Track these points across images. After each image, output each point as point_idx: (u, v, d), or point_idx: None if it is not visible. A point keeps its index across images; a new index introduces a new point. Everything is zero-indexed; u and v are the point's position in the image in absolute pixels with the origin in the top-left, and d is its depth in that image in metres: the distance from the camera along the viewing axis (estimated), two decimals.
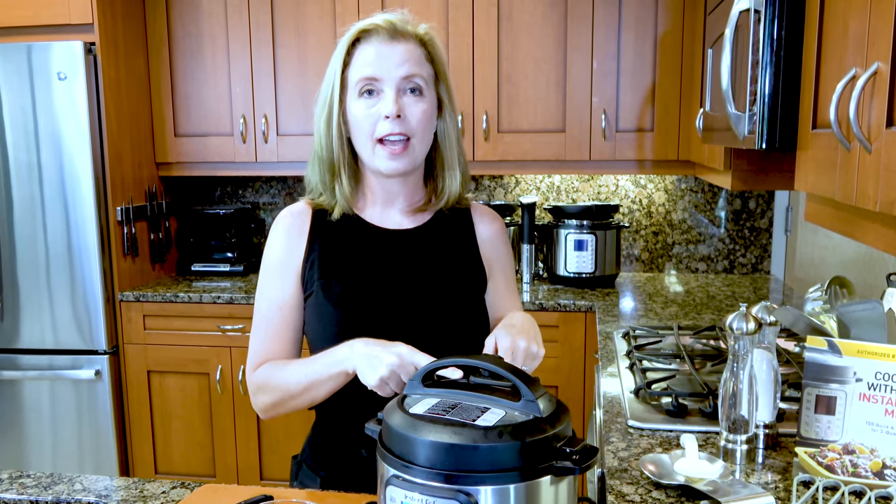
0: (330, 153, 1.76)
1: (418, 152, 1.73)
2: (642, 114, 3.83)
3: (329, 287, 1.74)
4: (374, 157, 1.70)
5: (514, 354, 1.49)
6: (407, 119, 1.68)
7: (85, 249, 3.77)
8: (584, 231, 3.93)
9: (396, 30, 1.70)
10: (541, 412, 1.15)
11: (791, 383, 2.13)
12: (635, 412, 2.03)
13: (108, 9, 3.78)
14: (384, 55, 1.68)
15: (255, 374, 1.76)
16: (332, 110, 1.72)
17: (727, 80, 2.01)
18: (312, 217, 1.81)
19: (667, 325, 2.99)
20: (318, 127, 1.77)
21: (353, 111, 1.70)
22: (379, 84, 1.68)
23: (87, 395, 3.89)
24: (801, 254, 3.72)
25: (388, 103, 1.66)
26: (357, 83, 1.69)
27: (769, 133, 1.81)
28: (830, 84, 1.47)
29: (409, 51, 1.70)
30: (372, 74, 1.67)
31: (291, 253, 1.79)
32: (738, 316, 1.62)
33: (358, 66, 1.69)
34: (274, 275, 1.80)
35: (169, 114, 4.18)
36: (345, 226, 1.80)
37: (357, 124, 1.70)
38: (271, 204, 4.66)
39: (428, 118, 1.72)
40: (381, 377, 1.45)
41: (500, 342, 1.51)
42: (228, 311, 3.85)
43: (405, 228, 1.82)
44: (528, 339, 1.53)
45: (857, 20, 1.35)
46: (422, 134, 1.71)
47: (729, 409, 1.66)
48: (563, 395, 3.64)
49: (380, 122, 1.67)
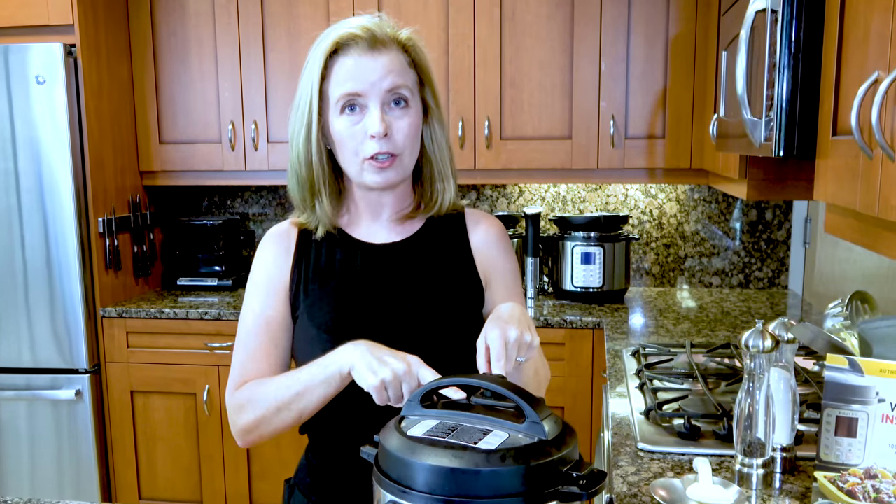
0: (310, 171, 1.75)
1: (407, 164, 1.72)
2: (653, 120, 3.83)
3: (315, 310, 1.73)
4: (361, 173, 1.70)
5: (506, 348, 1.45)
6: (394, 136, 1.67)
7: (65, 263, 3.76)
8: (592, 243, 3.93)
9: (376, 38, 1.67)
10: (546, 434, 1.14)
11: (810, 404, 2.13)
12: (645, 434, 2.03)
13: (89, 9, 3.78)
14: (365, 68, 1.66)
15: (237, 393, 1.73)
16: (311, 125, 1.71)
17: (742, 85, 2.01)
18: (298, 237, 1.82)
19: (679, 343, 2.99)
20: (296, 143, 1.76)
21: (336, 128, 1.69)
22: (362, 99, 1.66)
23: (68, 416, 3.89)
24: (820, 267, 3.72)
25: (375, 121, 1.64)
26: (338, 99, 1.67)
27: (787, 140, 1.81)
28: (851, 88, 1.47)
29: (391, 60, 1.68)
30: (354, 90, 1.66)
31: (279, 270, 1.80)
32: (754, 333, 1.62)
33: (338, 81, 1.68)
34: (260, 292, 1.80)
35: (153, 120, 4.18)
36: (329, 244, 1.80)
37: (341, 142, 1.69)
38: (261, 215, 4.66)
39: (415, 131, 1.71)
40: (384, 380, 1.42)
41: (489, 340, 1.47)
42: (216, 328, 3.85)
43: (393, 242, 1.81)
44: (520, 327, 1.49)
45: (879, 20, 1.35)
46: (410, 148, 1.71)
47: (744, 431, 1.66)
48: (570, 416, 3.64)
49: (366, 140, 1.66)
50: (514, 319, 1.52)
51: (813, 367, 2.52)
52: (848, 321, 2.30)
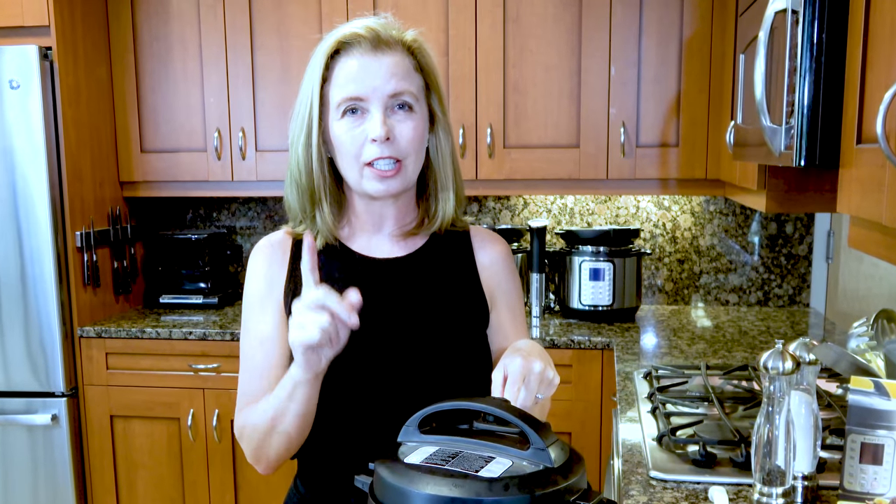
0: (310, 178, 1.74)
1: (410, 172, 1.72)
2: (666, 127, 3.84)
3: None
4: (361, 180, 1.69)
5: (527, 380, 1.44)
6: (397, 141, 1.66)
7: (40, 279, 3.76)
8: (601, 259, 3.93)
9: (380, 39, 1.67)
10: (552, 462, 1.14)
11: (833, 429, 2.13)
12: (658, 462, 2.03)
13: (66, 9, 3.79)
14: (368, 69, 1.66)
15: (236, 422, 1.75)
16: (312, 131, 1.71)
17: (761, 90, 2.01)
18: (293, 248, 1.81)
19: (693, 365, 2.99)
20: (296, 149, 1.75)
21: (336, 132, 1.69)
22: (364, 103, 1.66)
23: (43, 442, 3.88)
24: (844, 284, 3.72)
25: (376, 125, 1.64)
26: (339, 103, 1.67)
27: (808, 149, 1.81)
28: (877, 93, 1.48)
29: (395, 63, 1.68)
30: (356, 93, 1.65)
31: (272, 285, 1.79)
32: (774, 354, 1.62)
33: (339, 83, 1.67)
34: (254, 309, 1.79)
35: (134, 127, 4.18)
36: (328, 257, 1.79)
37: (341, 147, 1.69)
38: (249, 228, 4.66)
39: (420, 136, 1.71)
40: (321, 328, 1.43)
41: (509, 368, 1.45)
42: (201, 349, 3.85)
43: (396, 257, 1.81)
44: (542, 362, 1.48)
45: None
46: (414, 154, 1.70)
47: (763, 458, 1.66)
48: (577, 442, 3.63)
49: (366, 145, 1.66)
50: (536, 353, 1.51)
51: (836, 390, 2.52)
52: (873, 341, 2.30)
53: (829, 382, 2.59)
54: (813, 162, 1.81)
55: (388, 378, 1.65)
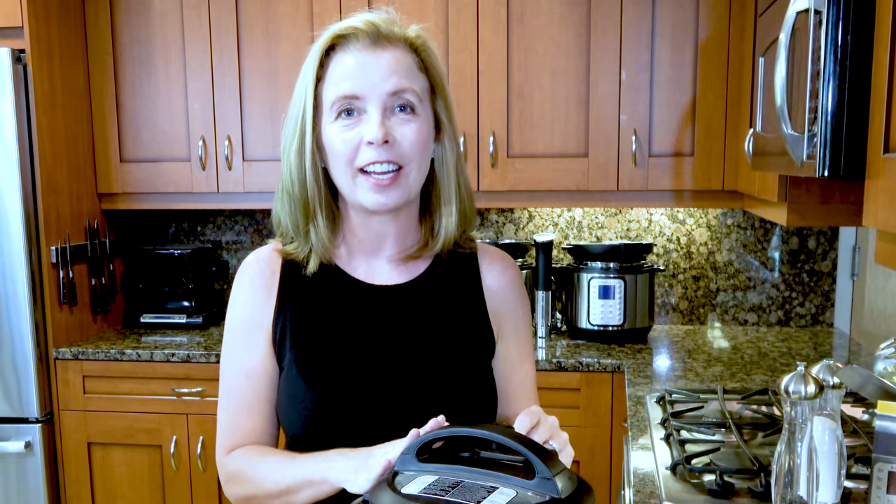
0: (303, 190, 1.69)
1: (412, 182, 1.66)
2: (680, 135, 3.84)
3: (303, 360, 1.70)
4: (355, 189, 1.64)
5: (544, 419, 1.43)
6: (397, 143, 1.61)
7: (12, 297, 3.76)
8: (611, 275, 3.93)
9: (380, 33, 1.62)
10: (559, 492, 1.14)
11: (858, 457, 2.13)
12: (672, 492, 2.03)
13: (41, 10, 3.79)
14: (366, 66, 1.61)
15: (229, 461, 1.73)
16: (305, 136, 1.66)
17: (782, 95, 2.02)
18: (283, 268, 1.77)
19: (710, 389, 2.98)
20: (288, 157, 1.69)
21: (329, 135, 1.64)
22: (360, 103, 1.61)
23: (16, 470, 3.87)
24: (870, 302, 3.72)
25: (372, 126, 1.58)
26: (333, 102, 1.62)
27: (832, 158, 1.81)
28: None
29: (396, 59, 1.63)
30: (351, 91, 1.60)
31: (259, 309, 1.76)
32: (796, 377, 1.62)
33: (334, 81, 1.62)
34: (239, 336, 1.77)
35: (114, 135, 4.19)
36: (322, 281, 1.75)
37: (333, 151, 1.64)
38: (236, 243, 4.66)
39: (423, 141, 1.65)
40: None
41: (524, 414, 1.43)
42: (185, 372, 3.84)
43: (396, 284, 1.77)
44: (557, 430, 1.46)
45: None
46: (417, 161, 1.64)
47: (784, 488, 1.66)
48: (586, 471, 3.62)
49: (362, 148, 1.60)
50: (551, 420, 1.47)
51: (862, 415, 2.52)
52: None
53: (855, 407, 2.59)
54: (837, 172, 1.81)
55: (389, 413, 1.63)
